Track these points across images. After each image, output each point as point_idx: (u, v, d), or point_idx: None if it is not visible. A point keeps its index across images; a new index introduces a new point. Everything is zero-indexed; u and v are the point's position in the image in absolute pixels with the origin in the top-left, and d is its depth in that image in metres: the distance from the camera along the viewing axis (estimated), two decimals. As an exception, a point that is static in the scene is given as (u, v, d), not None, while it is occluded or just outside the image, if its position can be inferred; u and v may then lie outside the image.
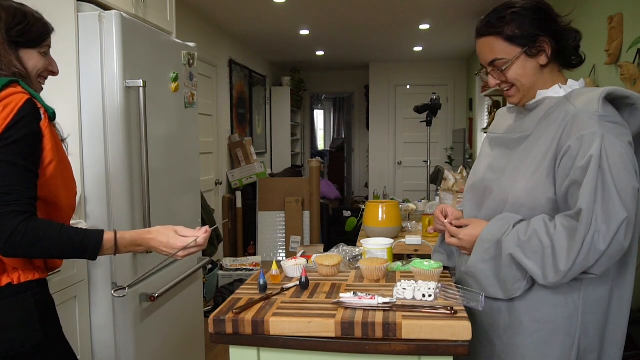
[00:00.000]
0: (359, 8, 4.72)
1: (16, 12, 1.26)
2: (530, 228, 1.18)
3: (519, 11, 1.25)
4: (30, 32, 1.27)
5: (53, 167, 1.18)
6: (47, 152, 1.18)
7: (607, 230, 1.09)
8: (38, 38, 1.28)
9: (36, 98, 1.21)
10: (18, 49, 1.25)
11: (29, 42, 1.27)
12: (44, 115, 1.19)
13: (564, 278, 1.14)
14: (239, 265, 4.59)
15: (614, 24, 2.78)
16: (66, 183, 1.26)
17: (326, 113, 11.59)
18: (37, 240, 1.11)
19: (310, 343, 1.10)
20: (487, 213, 1.33)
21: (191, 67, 2.57)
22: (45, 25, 1.32)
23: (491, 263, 1.26)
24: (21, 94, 1.16)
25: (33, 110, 1.16)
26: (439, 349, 1.06)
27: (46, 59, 1.33)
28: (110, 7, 2.12)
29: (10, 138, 1.11)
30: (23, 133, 1.12)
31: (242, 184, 5.57)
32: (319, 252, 1.65)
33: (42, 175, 1.17)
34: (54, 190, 1.20)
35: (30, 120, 1.15)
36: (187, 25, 4.38)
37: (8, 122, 1.11)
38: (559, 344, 1.22)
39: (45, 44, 1.32)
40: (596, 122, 1.15)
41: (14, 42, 1.24)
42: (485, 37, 1.29)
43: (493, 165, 1.37)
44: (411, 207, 3.13)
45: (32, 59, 1.28)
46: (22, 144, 1.12)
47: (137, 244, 1.26)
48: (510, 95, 1.33)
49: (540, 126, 1.26)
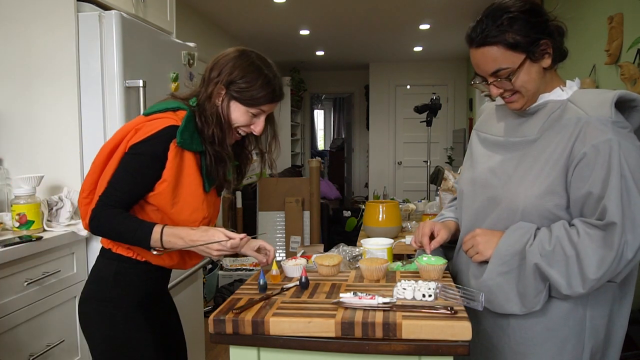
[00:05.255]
0: (359, 8, 4.72)
1: (247, 72, 1.37)
2: (553, 236, 1.15)
3: (516, 15, 1.18)
4: (249, 93, 1.37)
5: (164, 186, 1.33)
6: (166, 172, 1.33)
7: (634, 239, 1.09)
8: (252, 100, 1.38)
9: (184, 130, 1.33)
10: (231, 100, 1.39)
11: (242, 100, 1.38)
12: (174, 143, 1.32)
13: (591, 288, 1.12)
14: (239, 265, 4.59)
15: (614, 24, 2.78)
16: (178, 202, 1.37)
17: (326, 113, 11.59)
18: (106, 225, 1.31)
19: (310, 343, 1.10)
20: (494, 222, 1.29)
21: (191, 67, 2.57)
22: (272, 93, 1.39)
23: (510, 275, 1.20)
24: (166, 119, 1.33)
25: (166, 135, 1.32)
26: (439, 349, 1.06)
27: (253, 119, 1.42)
28: (110, 7, 2.12)
29: (137, 150, 1.31)
30: (147, 150, 1.31)
31: (242, 184, 5.57)
32: (319, 252, 1.65)
33: (155, 189, 1.34)
34: (162, 203, 1.35)
35: (158, 142, 1.31)
36: (187, 25, 4.38)
37: (141, 139, 1.31)
38: (571, 351, 1.21)
39: (258, 108, 1.40)
40: (610, 129, 1.13)
41: (231, 95, 1.38)
42: (483, 47, 1.21)
43: (496, 170, 1.31)
44: (411, 207, 3.13)
45: (236, 112, 1.39)
46: (142, 157, 1.32)
47: (179, 235, 1.33)
48: (513, 101, 1.26)
49: (549, 132, 1.22)
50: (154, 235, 1.31)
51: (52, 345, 1.78)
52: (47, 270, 1.78)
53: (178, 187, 1.35)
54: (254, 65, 1.39)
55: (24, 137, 2.06)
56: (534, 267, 1.16)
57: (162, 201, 1.35)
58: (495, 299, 1.22)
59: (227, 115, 1.39)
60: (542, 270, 1.15)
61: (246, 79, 1.37)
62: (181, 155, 1.34)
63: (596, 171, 1.13)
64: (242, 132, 1.44)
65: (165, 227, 1.33)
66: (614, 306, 1.24)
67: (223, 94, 1.38)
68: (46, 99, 2.04)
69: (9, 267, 1.62)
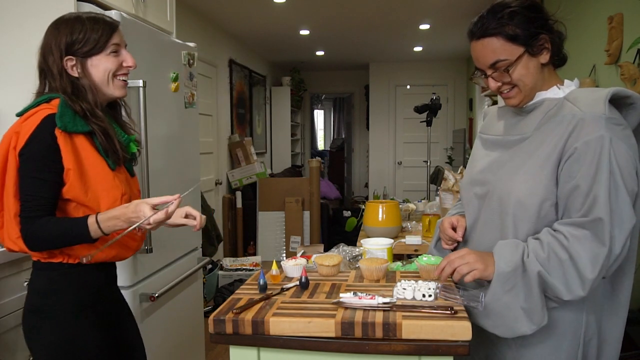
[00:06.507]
0: (359, 8, 4.72)
1: (72, 28, 1.34)
2: (544, 243, 1.15)
3: (517, 10, 1.21)
4: (90, 39, 1.34)
5: (71, 174, 1.29)
6: (65, 161, 1.28)
7: (620, 234, 1.11)
8: (99, 42, 1.35)
9: (62, 115, 1.29)
10: (85, 60, 1.35)
11: (92, 50, 1.35)
12: (58, 130, 1.27)
13: (590, 289, 1.12)
14: (239, 265, 4.59)
15: (614, 24, 2.78)
16: (90, 187, 1.33)
17: (326, 113, 11.59)
18: (42, 238, 1.27)
19: (310, 343, 1.10)
20: (488, 217, 1.31)
21: (191, 67, 2.57)
22: (104, 24, 1.37)
23: (515, 292, 1.16)
24: (42, 111, 1.29)
25: (48, 124, 1.27)
26: (439, 349, 1.06)
27: (117, 58, 1.39)
28: (110, 7, 2.12)
29: (28, 151, 1.26)
30: (37, 147, 1.26)
31: (242, 184, 5.57)
32: (319, 252, 1.65)
33: (65, 181, 1.30)
34: (76, 194, 1.31)
35: (43, 135, 1.27)
36: (187, 25, 4.38)
37: (25, 140, 1.26)
38: (567, 349, 1.22)
39: (110, 44, 1.37)
40: (603, 125, 1.14)
41: (81, 56, 1.34)
42: (484, 39, 1.24)
43: (492, 166, 1.33)
44: (411, 207, 3.13)
45: (99, 65, 1.37)
46: (37, 156, 1.26)
47: (115, 217, 1.29)
48: (511, 96, 1.28)
49: (543, 128, 1.24)
50: (90, 226, 1.28)
51: (52, 345, 1.77)
52: (47, 270, 1.77)
53: (83, 172, 1.32)
54: (71, 19, 1.36)
55: (24, 137, 2.05)
56: (537, 276, 1.14)
57: (75, 191, 1.31)
58: (503, 322, 1.18)
59: (91, 77, 1.36)
60: (544, 278, 1.14)
61: (76, 32, 1.34)
62: (72, 141, 1.30)
63: (585, 166, 1.14)
64: (121, 77, 1.41)
65: (98, 214, 1.30)
66: (604, 302, 1.25)
67: (74, 62, 1.35)
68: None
69: (9, 267, 1.62)
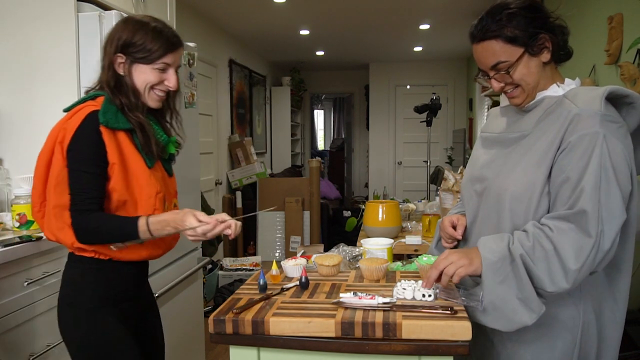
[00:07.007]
0: (359, 8, 4.72)
1: (136, 31, 1.37)
2: (530, 234, 1.17)
3: (515, 11, 1.23)
4: (145, 49, 1.37)
5: (116, 168, 1.33)
6: (110, 155, 1.33)
7: (610, 229, 1.11)
8: (151, 55, 1.38)
9: (105, 111, 1.34)
10: (133, 64, 1.39)
11: (142, 59, 1.38)
12: (102, 126, 1.32)
13: (575, 280, 1.12)
14: (239, 265, 4.59)
15: (614, 24, 2.78)
16: (131, 182, 1.37)
17: (326, 113, 11.59)
18: (94, 232, 1.31)
19: (310, 343, 1.10)
20: (486, 212, 1.33)
21: (191, 67, 2.57)
22: (166, 42, 1.39)
23: (508, 282, 1.15)
24: (86, 108, 1.34)
25: (92, 120, 1.32)
26: (439, 349, 1.06)
27: (161, 74, 1.41)
28: (110, 7, 2.12)
29: (75, 147, 1.31)
30: (84, 142, 1.31)
31: (242, 184, 5.57)
32: (319, 252, 1.65)
33: (109, 175, 1.34)
34: (119, 187, 1.35)
35: (89, 130, 1.31)
36: (187, 25, 4.38)
37: (72, 136, 1.31)
38: (561, 348, 1.22)
39: (161, 62, 1.40)
40: (598, 122, 1.15)
41: (131, 59, 1.38)
42: (484, 42, 1.26)
43: (491, 163, 1.35)
44: (411, 207, 3.13)
45: (142, 74, 1.39)
46: (84, 151, 1.31)
47: (164, 220, 1.33)
48: (515, 96, 1.30)
49: (541, 124, 1.25)
50: (140, 227, 1.31)
51: (52, 345, 1.77)
52: (47, 270, 1.78)
53: (125, 167, 1.36)
54: (140, 23, 1.39)
55: (24, 137, 2.06)
56: (522, 263, 1.15)
57: (119, 186, 1.34)
58: (501, 315, 1.16)
59: (132, 80, 1.39)
60: (528, 267, 1.14)
61: (137, 36, 1.37)
62: (115, 137, 1.35)
63: (576, 159, 1.15)
64: (158, 92, 1.43)
65: (150, 216, 1.34)
66: (602, 301, 1.25)
67: (123, 61, 1.38)
68: (46, 99, 2.04)
69: (9, 267, 1.62)
